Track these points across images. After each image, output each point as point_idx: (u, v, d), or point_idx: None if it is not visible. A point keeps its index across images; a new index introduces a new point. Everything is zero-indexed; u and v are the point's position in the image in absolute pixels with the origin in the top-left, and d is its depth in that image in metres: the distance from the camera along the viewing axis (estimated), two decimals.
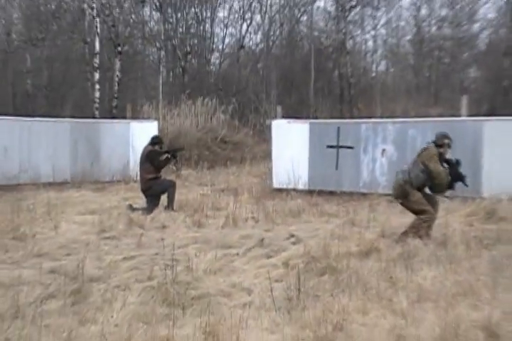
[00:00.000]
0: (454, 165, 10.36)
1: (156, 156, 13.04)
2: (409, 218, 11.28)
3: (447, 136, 10.47)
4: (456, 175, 10.33)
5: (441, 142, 10.40)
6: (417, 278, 7.10)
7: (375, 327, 5.44)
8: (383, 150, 15.36)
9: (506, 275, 7.16)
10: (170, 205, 12.82)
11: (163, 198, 13.06)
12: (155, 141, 13.51)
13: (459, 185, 12.23)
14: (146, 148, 13.26)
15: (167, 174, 15.24)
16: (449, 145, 10.45)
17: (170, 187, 13.02)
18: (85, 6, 27.76)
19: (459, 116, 15.53)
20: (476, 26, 32.88)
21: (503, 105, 21.87)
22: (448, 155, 10.50)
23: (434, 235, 9.67)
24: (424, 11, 33.66)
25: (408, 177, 10.06)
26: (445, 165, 10.32)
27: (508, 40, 25.82)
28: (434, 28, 33.62)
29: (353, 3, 31.26)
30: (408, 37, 34.49)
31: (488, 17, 31.68)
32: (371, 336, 5.20)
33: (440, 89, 32.30)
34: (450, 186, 10.24)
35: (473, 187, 13.37)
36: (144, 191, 13.07)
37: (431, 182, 10.15)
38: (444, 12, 32.89)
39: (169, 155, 13.32)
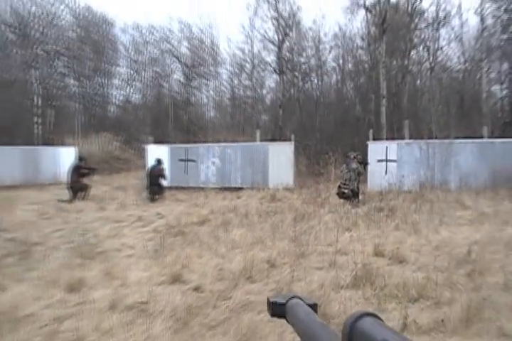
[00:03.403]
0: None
1: (80, 170, 12.53)
2: (228, 201, 11.45)
3: (353, 152, 10.85)
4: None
5: (351, 155, 10.49)
6: (231, 235, 7.24)
7: (206, 265, 5.55)
8: (213, 162, 15.49)
9: (280, 231, 7.46)
10: (85, 197, 12.32)
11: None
12: (80, 158, 12.97)
13: (258, 178, 12.16)
14: (75, 163, 12.68)
15: (85, 180, 14.48)
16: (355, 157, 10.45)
17: (86, 187, 12.49)
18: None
19: (255, 141, 15.93)
20: (264, 91, 33.90)
21: (279, 135, 22.90)
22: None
23: (240, 210, 9.85)
24: (236, 81, 34.25)
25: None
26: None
27: (280, 99, 26.91)
28: (242, 91, 34.23)
29: (194, 76, 31.21)
30: (227, 96, 34.94)
31: (271, 85, 32.79)
32: (204, 270, 5.33)
33: (245, 126, 32.86)
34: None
35: (263, 182, 13.84)
36: (71, 188, 12.44)
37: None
38: (246, 82, 33.63)
39: (88, 171, 12.79)
